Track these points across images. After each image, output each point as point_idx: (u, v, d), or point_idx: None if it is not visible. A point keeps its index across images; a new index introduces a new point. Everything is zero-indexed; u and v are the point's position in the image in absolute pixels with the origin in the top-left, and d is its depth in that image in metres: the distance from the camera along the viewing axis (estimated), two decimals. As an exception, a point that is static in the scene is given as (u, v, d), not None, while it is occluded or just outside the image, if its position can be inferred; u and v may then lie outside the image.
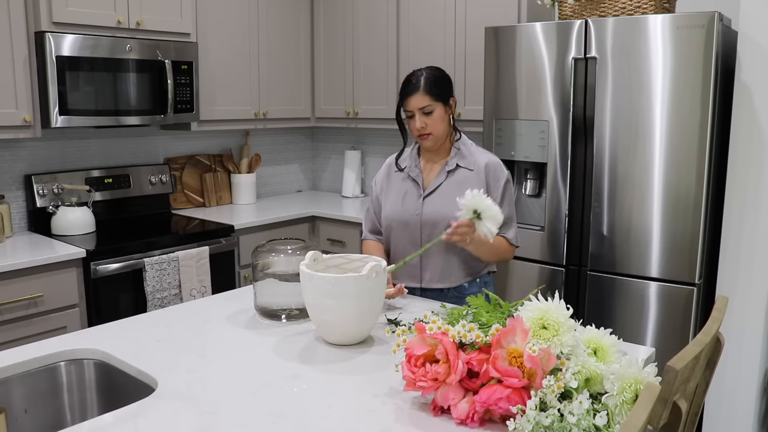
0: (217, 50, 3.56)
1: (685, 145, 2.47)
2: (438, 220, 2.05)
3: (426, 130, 2.06)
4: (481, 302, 1.49)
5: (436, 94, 2.05)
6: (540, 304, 1.33)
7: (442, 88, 2.08)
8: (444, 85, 2.09)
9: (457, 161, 2.11)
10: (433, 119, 2.05)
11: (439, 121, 2.06)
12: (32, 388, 1.58)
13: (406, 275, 2.12)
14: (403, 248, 2.13)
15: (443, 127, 2.09)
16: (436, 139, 2.09)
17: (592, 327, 1.35)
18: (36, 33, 2.82)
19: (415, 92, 2.04)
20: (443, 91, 2.08)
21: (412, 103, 2.05)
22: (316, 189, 4.65)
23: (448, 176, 2.11)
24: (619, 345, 1.32)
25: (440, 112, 2.06)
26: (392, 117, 3.71)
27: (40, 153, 3.22)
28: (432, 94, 2.04)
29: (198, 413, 1.32)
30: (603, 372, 1.22)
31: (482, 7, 3.27)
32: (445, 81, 2.10)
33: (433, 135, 2.07)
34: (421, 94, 2.04)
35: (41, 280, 2.65)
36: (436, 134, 2.07)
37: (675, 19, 2.44)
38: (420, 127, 2.05)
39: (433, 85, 2.05)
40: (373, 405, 1.36)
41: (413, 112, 2.06)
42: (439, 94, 2.06)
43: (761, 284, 2.55)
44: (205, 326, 1.84)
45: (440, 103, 2.06)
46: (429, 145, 2.11)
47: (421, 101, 2.04)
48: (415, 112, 2.05)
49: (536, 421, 1.12)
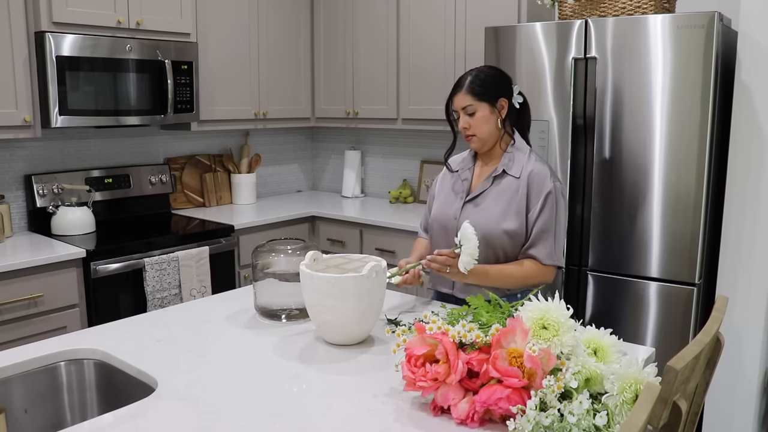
0: (217, 50, 3.56)
1: (685, 145, 2.46)
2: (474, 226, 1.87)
3: (469, 131, 1.98)
4: (481, 302, 1.49)
5: (479, 94, 1.95)
6: (540, 304, 1.33)
7: (488, 87, 1.97)
8: (491, 85, 1.98)
9: (504, 167, 2.00)
10: (475, 120, 1.96)
11: (482, 123, 1.97)
12: (32, 388, 1.58)
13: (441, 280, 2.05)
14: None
15: (488, 129, 1.98)
16: (482, 141, 2.00)
17: (593, 327, 1.35)
18: (36, 33, 2.82)
19: (458, 91, 1.98)
20: (489, 91, 1.97)
21: (455, 102, 1.99)
22: (316, 189, 4.65)
23: (493, 183, 2.00)
24: (619, 345, 1.32)
25: (484, 112, 1.96)
26: (392, 117, 3.73)
27: (40, 153, 3.22)
28: (474, 94, 1.95)
29: (198, 413, 1.32)
30: (603, 372, 1.22)
31: (482, 7, 3.27)
32: (493, 81, 1.99)
33: (477, 137, 1.98)
34: (463, 93, 1.97)
35: (41, 280, 2.65)
36: (480, 136, 1.98)
37: (675, 19, 2.44)
38: (463, 127, 1.99)
39: (478, 84, 1.96)
40: (373, 405, 1.36)
41: (458, 112, 2.00)
42: (483, 93, 1.96)
43: (761, 284, 2.55)
44: (205, 326, 1.84)
45: (484, 103, 1.96)
46: (475, 146, 2.02)
47: (462, 101, 1.97)
48: (460, 113, 1.99)
49: (536, 421, 1.13)
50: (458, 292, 2.03)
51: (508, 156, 2.01)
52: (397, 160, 4.17)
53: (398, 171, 4.17)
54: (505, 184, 1.99)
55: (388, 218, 3.50)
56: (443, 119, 2.12)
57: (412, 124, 3.67)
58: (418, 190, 4.02)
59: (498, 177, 2.00)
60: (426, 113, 3.55)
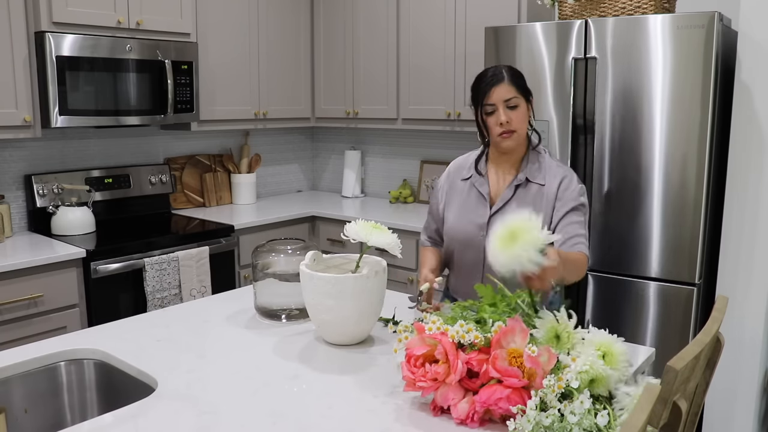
0: (217, 50, 3.56)
1: (685, 145, 2.46)
2: None
3: (511, 126, 1.82)
4: (489, 291, 1.48)
5: (522, 87, 1.86)
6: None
7: (524, 82, 1.89)
8: (525, 81, 1.90)
9: (528, 175, 1.88)
10: (518, 114, 1.83)
11: (523, 118, 1.85)
12: (32, 388, 1.58)
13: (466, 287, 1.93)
14: (467, 270, 1.94)
15: (525, 126, 1.88)
16: (519, 138, 1.86)
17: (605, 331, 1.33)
18: (36, 33, 2.82)
19: (501, 82, 1.82)
20: (526, 87, 1.88)
21: (495, 94, 1.82)
22: (316, 189, 4.65)
23: (516, 191, 1.88)
24: (628, 356, 1.30)
25: (524, 108, 1.86)
26: (392, 117, 3.73)
27: (40, 153, 3.22)
28: (518, 86, 1.85)
29: (198, 413, 1.32)
30: (609, 375, 1.22)
31: (482, 8, 3.27)
32: (524, 78, 1.91)
33: (517, 133, 1.84)
34: (506, 84, 1.82)
35: (41, 280, 2.65)
36: (520, 132, 1.85)
37: (675, 19, 2.44)
38: (505, 121, 1.81)
39: (517, 77, 1.86)
40: (373, 405, 1.36)
41: (496, 105, 1.82)
42: (524, 87, 1.87)
43: (761, 284, 2.55)
44: (204, 326, 1.84)
45: (524, 98, 1.86)
46: (510, 144, 1.86)
47: (507, 92, 1.82)
48: (499, 106, 1.82)
49: (536, 421, 1.12)
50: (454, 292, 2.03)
51: (530, 160, 1.90)
52: (397, 160, 4.17)
53: (398, 171, 4.17)
54: (529, 192, 1.88)
55: (388, 218, 3.50)
56: (443, 119, 2.10)
57: (412, 124, 3.67)
58: (418, 190, 4.02)
59: (521, 185, 1.89)
60: (426, 113, 3.55)
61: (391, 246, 1.65)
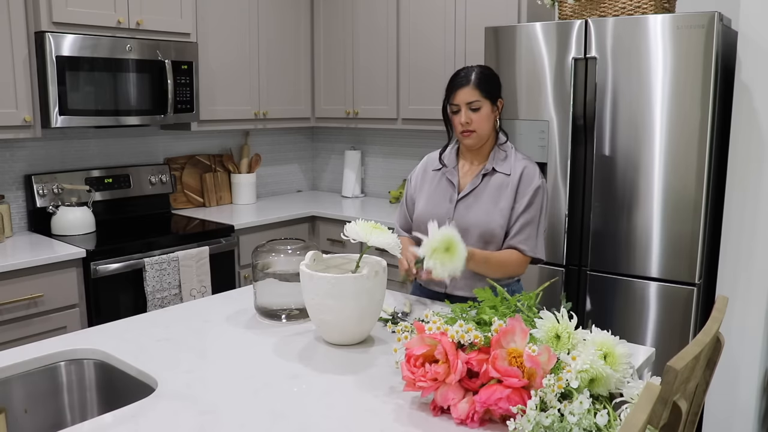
0: (217, 50, 3.55)
1: (685, 145, 2.46)
2: (469, 225, 1.99)
3: (470, 127, 1.99)
4: (489, 295, 1.48)
5: (486, 91, 1.99)
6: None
7: (492, 86, 2.02)
8: (494, 84, 2.03)
9: (494, 165, 2.04)
10: (479, 116, 1.98)
11: (485, 120, 2.00)
12: (32, 388, 1.58)
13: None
14: None
15: (488, 127, 2.02)
16: (479, 138, 2.02)
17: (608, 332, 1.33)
18: (36, 33, 2.82)
19: (465, 86, 1.98)
20: (493, 90, 2.02)
21: (460, 96, 1.98)
22: (316, 189, 4.65)
23: (483, 180, 2.04)
24: (630, 358, 1.30)
25: (487, 110, 2.00)
26: (392, 117, 3.73)
27: (40, 153, 3.22)
28: (482, 90, 1.98)
29: (198, 413, 1.32)
30: (609, 375, 1.21)
31: (482, 7, 3.27)
32: (495, 80, 2.04)
33: (476, 133, 2.00)
34: (470, 88, 1.97)
35: (41, 280, 2.65)
36: (479, 132, 2.00)
37: (675, 19, 2.44)
38: (465, 122, 1.98)
39: (484, 81, 1.99)
40: (373, 405, 1.36)
41: (460, 106, 1.99)
42: (488, 91, 2.00)
43: (761, 284, 2.55)
44: (205, 326, 1.84)
45: (488, 101, 2.00)
46: (471, 143, 2.03)
47: (469, 95, 1.97)
48: (462, 107, 1.98)
49: (536, 421, 1.12)
50: (453, 290, 2.04)
51: (497, 154, 2.06)
52: (397, 160, 4.17)
53: (398, 171, 4.17)
54: (495, 181, 2.03)
55: (388, 218, 3.50)
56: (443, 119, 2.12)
57: (412, 124, 3.67)
58: (418, 190, 4.02)
59: (488, 174, 2.04)
60: (426, 113, 3.55)
61: (391, 246, 1.67)
